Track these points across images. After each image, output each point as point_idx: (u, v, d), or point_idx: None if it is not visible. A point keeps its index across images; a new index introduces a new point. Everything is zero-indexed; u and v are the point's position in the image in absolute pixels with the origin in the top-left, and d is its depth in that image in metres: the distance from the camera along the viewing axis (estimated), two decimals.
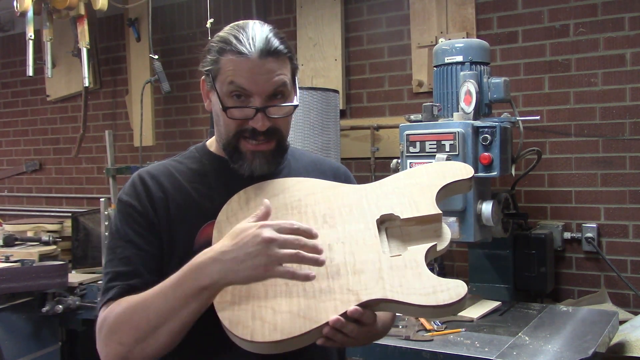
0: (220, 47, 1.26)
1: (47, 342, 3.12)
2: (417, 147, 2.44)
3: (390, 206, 1.25)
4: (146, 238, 1.27)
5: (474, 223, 2.38)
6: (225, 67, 1.24)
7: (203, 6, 3.42)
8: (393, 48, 3.42)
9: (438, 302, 1.09)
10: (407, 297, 1.10)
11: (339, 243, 1.20)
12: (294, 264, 1.07)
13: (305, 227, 1.08)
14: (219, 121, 1.30)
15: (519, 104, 3.02)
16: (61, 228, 3.84)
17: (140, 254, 1.26)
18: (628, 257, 2.86)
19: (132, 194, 1.31)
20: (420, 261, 1.16)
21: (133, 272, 1.24)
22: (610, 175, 2.89)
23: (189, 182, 1.34)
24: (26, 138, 4.89)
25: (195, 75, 4.05)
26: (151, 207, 1.29)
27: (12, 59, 4.85)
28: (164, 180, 1.33)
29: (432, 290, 1.10)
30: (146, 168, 1.38)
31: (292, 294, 1.11)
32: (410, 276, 1.13)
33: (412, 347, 2.03)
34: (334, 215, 1.25)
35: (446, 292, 1.10)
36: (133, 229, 1.28)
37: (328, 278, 1.14)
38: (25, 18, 3.32)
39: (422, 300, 1.09)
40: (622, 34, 2.85)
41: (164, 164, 1.39)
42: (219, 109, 1.26)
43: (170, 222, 1.29)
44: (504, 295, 2.66)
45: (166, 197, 1.30)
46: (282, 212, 1.25)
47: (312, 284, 1.12)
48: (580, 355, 1.92)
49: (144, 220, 1.28)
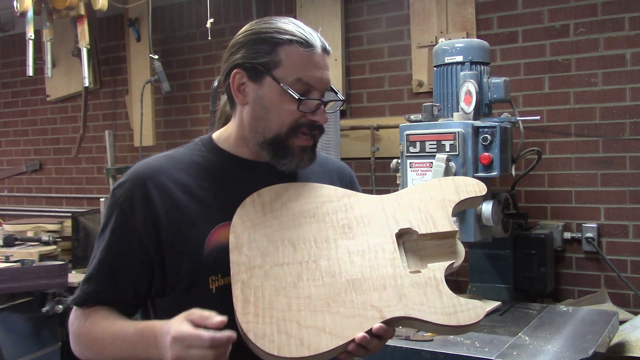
0: (279, 38, 1.21)
1: (47, 342, 3.11)
2: (417, 147, 2.43)
3: (407, 220, 1.26)
4: (134, 248, 1.22)
5: (474, 223, 2.37)
6: (289, 58, 1.20)
7: (203, 6, 3.42)
8: (393, 48, 3.42)
9: (459, 323, 1.12)
10: (429, 316, 1.12)
11: (359, 256, 1.19)
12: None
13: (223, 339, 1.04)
14: (265, 115, 1.22)
15: (519, 104, 3.02)
16: (61, 228, 3.84)
17: (120, 264, 1.23)
18: (628, 257, 2.86)
19: (127, 198, 1.23)
20: (440, 279, 1.18)
21: (105, 281, 1.23)
22: (610, 175, 2.89)
23: (197, 178, 1.26)
24: (26, 138, 4.89)
25: (195, 75, 4.05)
26: (149, 215, 1.21)
27: (12, 59, 4.85)
28: (167, 179, 1.24)
29: (452, 310, 1.13)
30: (148, 163, 1.28)
31: (316, 308, 1.11)
32: (431, 294, 1.15)
33: (412, 347, 2.03)
34: (352, 225, 1.24)
35: (466, 313, 1.13)
36: (120, 234, 1.23)
37: (351, 292, 1.14)
38: (25, 18, 3.32)
39: (443, 320, 1.12)
40: (622, 34, 2.85)
41: (168, 157, 1.30)
42: (271, 102, 1.21)
43: (174, 228, 1.21)
44: (504, 295, 2.66)
45: (171, 199, 1.22)
46: (300, 220, 1.23)
47: (335, 298, 1.13)
48: (580, 355, 1.92)
49: (134, 231, 1.21)
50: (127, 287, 1.24)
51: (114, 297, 1.24)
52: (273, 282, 1.14)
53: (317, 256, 1.18)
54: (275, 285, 1.13)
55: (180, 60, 4.10)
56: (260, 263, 1.15)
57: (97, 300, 1.24)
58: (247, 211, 1.22)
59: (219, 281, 1.22)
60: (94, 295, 1.24)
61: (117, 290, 1.23)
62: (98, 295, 1.24)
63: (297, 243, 1.19)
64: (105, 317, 1.22)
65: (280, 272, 1.15)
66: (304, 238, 1.20)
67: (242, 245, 1.17)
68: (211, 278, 1.22)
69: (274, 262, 1.16)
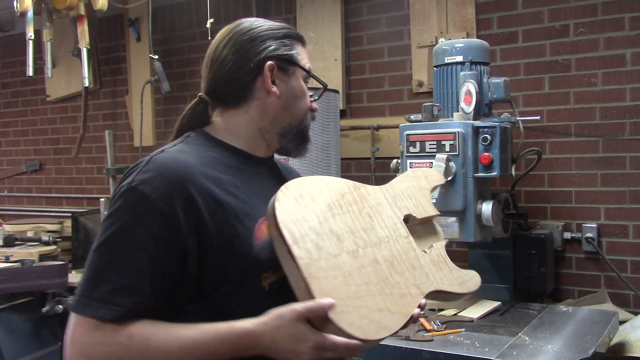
0: (291, 36, 1.35)
1: (47, 342, 3.11)
2: (417, 147, 2.43)
3: (406, 207, 1.41)
4: (175, 257, 1.11)
5: (474, 223, 2.37)
6: (302, 53, 1.36)
7: (203, 6, 3.42)
8: (393, 48, 3.42)
9: (469, 290, 1.38)
10: (450, 287, 1.34)
11: (385, 241, 1.29)
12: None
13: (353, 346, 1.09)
14: (295, 104, 1.34)
15: (519, 104, 3.02)
16: (61, 228, 3.84)
17: (163, 273, 1.10)
18: (628, 257, 2.86)
19: (166, 198, 1.10)
20: (445, 256, 1.39)
21: (148, 292, 1.08)
22: (610, 175, 2.89)
23: (223, 173, 1.22)
24: (26, 138, 4.89)
25: (195, 75, 4.05)
26: (193, 219, 1.12)
27: (12, 59, 4.85)
28: (200, 175, 1.16)
29: (462, 281, 1.37)
30: (177, 159, 1.16)
31: (376, 292, 1.19)
32: (444, 269, 1.36)
33: (412, 347, 2.03)
34: (372, 214, 1.32)
35: (471, 281, 1.39)
36: (158, 241, 1.10)
37: (395, 275, 1.25)
38: (25, 18, 3.32)
39: (460, 289, 1.36)
40: (622, 34, 2.85)
41: (184, 152, 1.21)
42: (301, 91, 1.34)
43: (220, 227, 1.15)
44: (504, 295, 2.66)
45: (212, 197, 1.16)
46: (333, 211, 1.25)
47: (385, 281, 1.23)
48: (580, 355, 1.92)
49: (178, 237, 1.10)
50: (166, 297, 1.11)
51: (155, 309, 1.10)
52: (335, 272, 1.17)
53: (357, 245, 1.24)
54: (338, 275, 1.17)
55: (180, 60, 4.10)
56: (318, 256, 1.17)
57: (139, 313, 1.08)
58: (285, 206, 1.20)
59: (271, 277, 1.21)
60: (136, 308, 1.08)
61: (158, 302, 1.10)
62: (141, 307, 1.08)
63: (340, 234, 1.23)
64: (160, 328, 1.09)
65: (336, 262, 1.18)
66: (342, 229, 1.24)
67: (297, 239, 1.16)
68: (264, 275, 1.20)
69: (328, 253, 1.18)
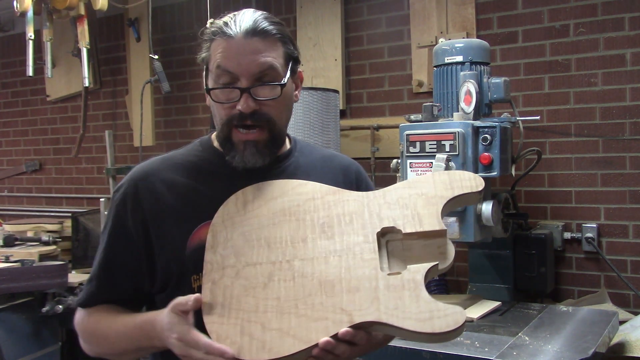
0: (212, 33, 1.23)
1: (47, 342, 3.11)
2: (417, 147, 2.43)
3: (392, 218, 1.18)
4: (128, 247, 1.27)
5: (474, 223, 2.37)
6: (214, 51, 1.21)
7: (203, 6, 3.42)
8: (393, 48, 3.42)
9: (434, 330, 1.03)
10: (401, 322, 1.04)
11: (336, 256, 1.14)
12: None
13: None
14: (214, 111, 1.26)
15: (519, 104, 3.02)
16: (61, 228, 3.84)
17: (116, 263, 1.29)
18: (628, 257, 2.86)
19: (121, 200, 1.28)
20: (419, 282, 1.09)
21: (104, 281, 1.29)
22: (610, 175, 2.89)
23: (187, 178, 1.28)
24: (26, 138, 4.89)
25: (195, 75, 4.05)
26: (138, 216, 1.26)
27: (12, 59, 4.85)
28: (158, 180, 1.28)
29: (428, 316, 1.04)
30: (143, 166, 1.33)
31: (284, 309, 1.08)
32: (407, 298, 1.07)
33: (412, 347, 2.03)
34: (333, 224, 1.19)
35: (443, 319, 1.03)
36: (115, 234, 1.29)
37: (322, 294, 1.09)
38: (25, 18, 3.32)
39: (417, 326, 1.03)
40: (622, 34, 2.85)
41: (165, 158, 1.34)
42: (215, 96, 1.23)
43: (159, 228, 1.25)
44: (504, 295, 2.66)
45: (157, 200, 1.26)
46: (280, 218, 1.20)
47: (305, 299, 1.08)
48: (580, 355, 1.92)
49: (127, 231, 1.27)
50: (126, 285, 1.29)
51: (114, 296, 1.30)
52: (243, 282, 1.12)
53: (291, 256, 1.14)
54: (245, 285, 1.12)
55: (180, 60, 4.10)
56: (233, 262, 1.14)
57: (98, 299, 1.30)
58: (229, 210, 1.21)
59: (200, 280, 1.20)
60: (95, 295, 1.30)
61: (116, 289, 1.29)
62: (99, 295, 1.30)
63: (273, 242, 1.17)
64: (107, 315, 1.28)
65: (252, 272, 1.13)
66: (281, 237, 1.17)
67: (217, 244, 1.17)
68: (193, 277, 1.23)
69: (247, 261, 1.14)
